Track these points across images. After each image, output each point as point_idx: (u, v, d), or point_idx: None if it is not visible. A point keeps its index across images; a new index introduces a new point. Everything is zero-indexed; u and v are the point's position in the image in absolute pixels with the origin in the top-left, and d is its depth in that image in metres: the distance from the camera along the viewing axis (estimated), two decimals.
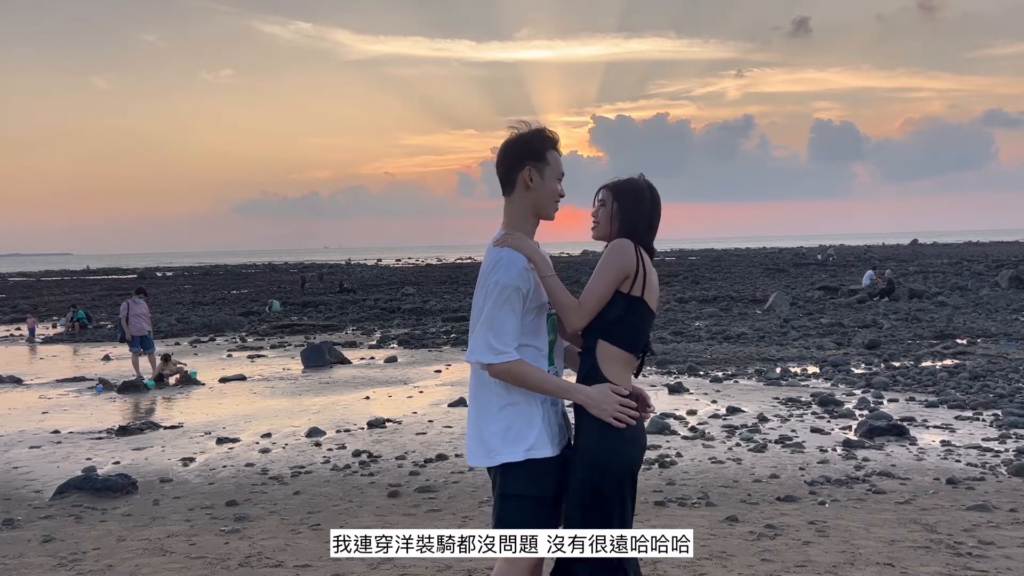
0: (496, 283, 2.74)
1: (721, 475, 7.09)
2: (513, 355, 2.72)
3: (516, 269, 2.75)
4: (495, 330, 2.72)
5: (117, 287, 49.64)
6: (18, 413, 11.66)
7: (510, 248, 2.79)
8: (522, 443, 2.76)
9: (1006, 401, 9.96)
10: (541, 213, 2.90)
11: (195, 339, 21.83)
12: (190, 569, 4.93)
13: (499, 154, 2.90)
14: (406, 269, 69.41)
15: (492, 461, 2.78)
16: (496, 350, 2.72)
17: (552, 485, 2.79)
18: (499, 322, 2.72)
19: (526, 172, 2.84)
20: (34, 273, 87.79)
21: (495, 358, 2.72)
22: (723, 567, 4.68)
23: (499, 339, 2.72)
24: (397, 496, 6.70)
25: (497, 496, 2.82)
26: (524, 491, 2.76)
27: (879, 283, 26.17)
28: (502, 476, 2.79)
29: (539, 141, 2.85)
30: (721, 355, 14.98)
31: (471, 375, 2.89)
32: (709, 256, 68.14)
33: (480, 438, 2.82)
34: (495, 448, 2.77)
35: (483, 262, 2.86)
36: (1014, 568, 4.57)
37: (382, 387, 13.00)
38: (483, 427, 2.81)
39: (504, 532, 2.78)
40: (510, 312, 2.73)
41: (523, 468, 2.75)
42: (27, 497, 7.12)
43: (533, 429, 2.78)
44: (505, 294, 2.73)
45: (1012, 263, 37.32)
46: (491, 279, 2.76)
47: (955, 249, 68.08)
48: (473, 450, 2.85)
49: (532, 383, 2.76)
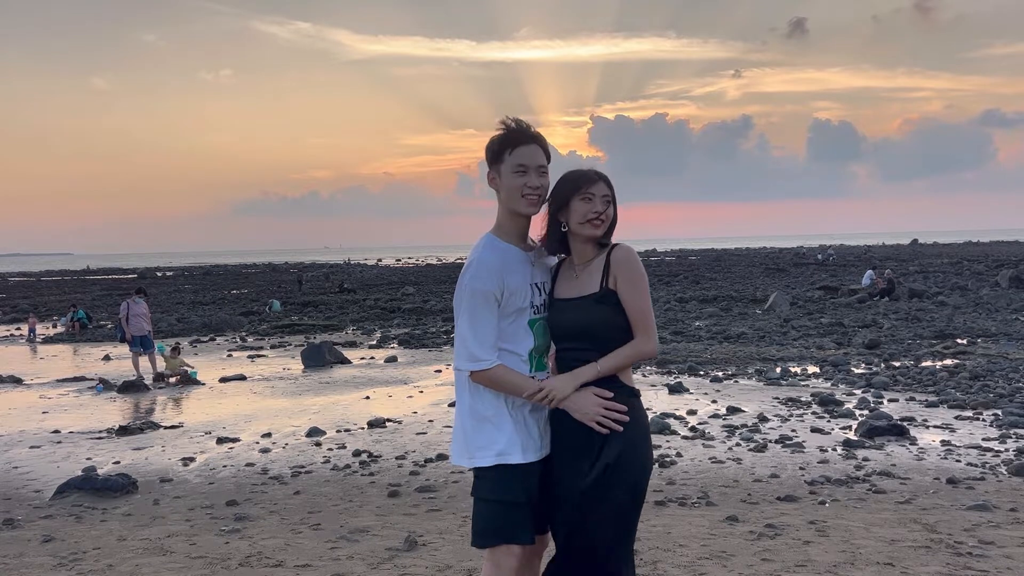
0: (467, 287, 2.75)
1: (721, 475, 7.09)
2: (492, 361, 2.72)
3: (487, 271, 2.74)
4: (474, 336, 2.73)
5: (117, 287, 49.63)
6: (18, 413, 11.66)
7: (486, 250, 2.80)
8: (492, 448, 2.77)
9: (1006, 401, 9.96)
10: (513, 209, 2.86)
11: (195, 339, 21.83)
12: (190, 569, 4.93)
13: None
14: (406, 269, 69.47)
15: (468, 463, 2.82)
16: (475, 357, 2.72)
17: (525, 491, 2.76)
18: (475, 328, 2.72)
19: (489, 176, 2.88)
20: (34, 273, 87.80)
21: (475, 365, 2.73)
22: (723, 567, 4.68)
23: (478, 346, 2.72)
24: (397, 496, 6.70)
25: (473, 497, 2.86)
26: (493, 496, 2.77)
27: (879, 283, 26.17)
28: (475, 479, 2.84)
29: (496, 144, 2.85)
30: (721, 355, 14.97)
31: (455, 377, 2.91)
32: (709, 256, 68.13)
33: (462, 438, 2.85)
34: (471, 451, 2.80)
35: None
36: (1014, 568, 4.56)
37: (382, 387, 13.00)
38: (465, 428, 2.84)
39: (480, 534, 2.80)
40: (486, 316, 2.73)
41: (493, 473, 2.76)
42: (27, 497, 7.12)
43: (503, 434, 2.77)
44: (476, 299, 2.73)
45: (1012, 263, 37.33)
46: (463, 282, 2.77)
47: (955, 249, 68.10)
48: (456, 449, 2.89)
49: (512, 388, 2.75)
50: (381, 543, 5.32)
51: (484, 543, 2.80)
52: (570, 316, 2.80)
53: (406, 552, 5.09)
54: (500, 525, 2.76)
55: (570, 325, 2.81)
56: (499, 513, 2.76)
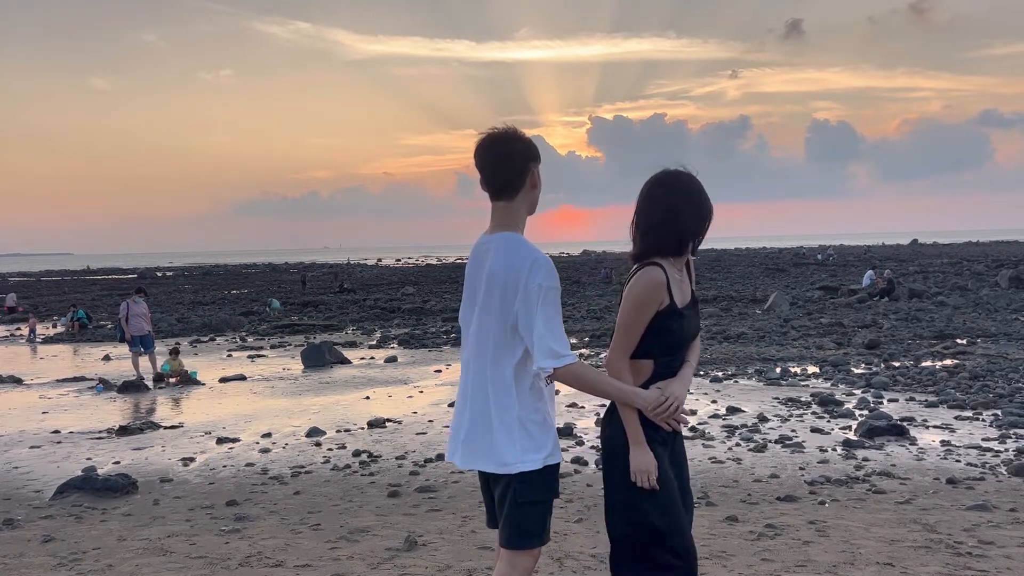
0: (542, 287, 2.71)
1: (721, 475, 7.10)
2: (573, 356, 2.73)
3: (553, 270, 2.76)
4: (554, 334, 2.70)
5: (117, 287, 49.64)
6: (18, 413, 11.66)
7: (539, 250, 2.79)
8: (542, 451, 2.78)
9: (1006, 401, 9.96)
10: (534, 210, 2.89)
11: (195, 339, 21.83)
12: (190, 569, 4.94)
13: (501, 159, 2.83)
14: (406, 269, 69.48)
15: (509, 469, 2.77)
16: (557, 354, 2.70)
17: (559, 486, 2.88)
18: (552, 326, 2.71)
19: (535, 173, 2.85)
20: (34, 273, 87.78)
21: (558, 361, 2.70)
22: (723, 567, 4.68)
23: (559, 342, 2.70)
24: (397, 496, 6.70)
25: (514, 503, 2.79)
26: (541, 497, 2.79)
27: (879, 283, 26.17)
28: (520, 484, 2.77)
29: (533, 141, 2.86)
30: (721, 355, 14.97)
31: (489, 379, 2.82)
32: (709, 256, 68.12)
33: (493, 444, 2.79)
34: (512, 456, 2.76)
35: (498, 260, 2.79)
36: (1014, 568, 4.57)
37: (382, 387, 13.01)
38: (500, 434, 2.78)
39: (528, 535, 2.80)
40: (558, 313, 2.74)
41: (540, 475, 2.77)
42: (27, 497, 7.12)
43: (550, 437, 2.81)
44: (551, 296, 2.72)
45: (1012, 263, 37.33)
46: (533, 282, 2.71)
47: (955, 249, 68.10)
48: (482, 455, 2.82)
49: (591, 384, 2.79)
50: (381, 543, 5.33)
51: (531, 543, 2.80)
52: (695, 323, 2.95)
53: (406, 552, 5.09)
54: (545, 525, 2.82)
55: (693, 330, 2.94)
56: (544, 514, 2.81)
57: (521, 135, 2.86)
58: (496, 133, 2.85)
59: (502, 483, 2.81)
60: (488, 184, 2.86)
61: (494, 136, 2.85)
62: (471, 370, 2.88)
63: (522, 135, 2.86)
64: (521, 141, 2.84)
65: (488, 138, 2.85)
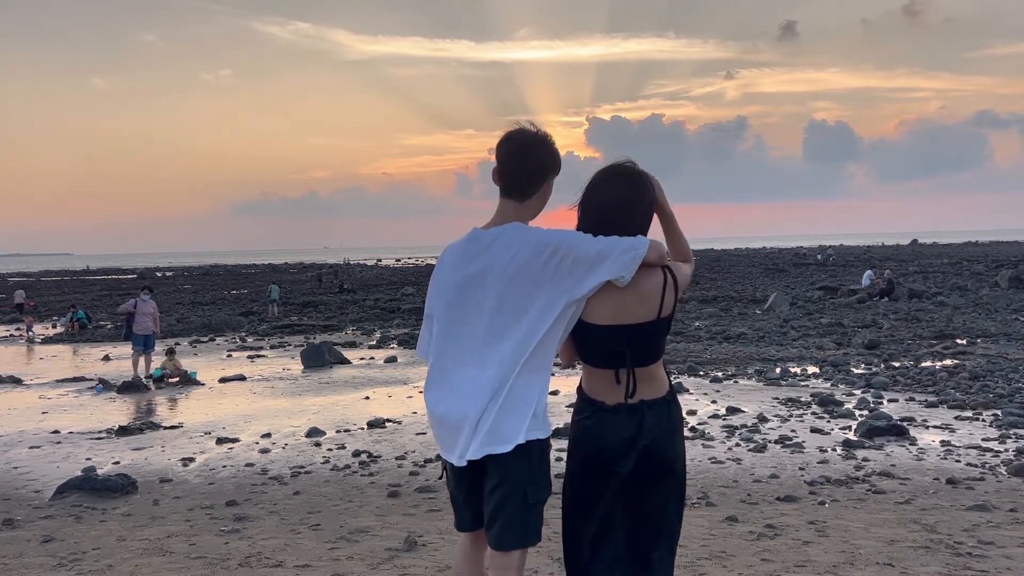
0: (564, 232, 2.71)
1: (721, 475, 7.09)
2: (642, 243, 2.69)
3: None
4: (611, 242, 2.66)
5: (117, 287, 49.66)
6: (18, 413, 11.66)
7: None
8: (548, 430, 2.75)
9: (1006, 401, 9.97)
10: (535, 218, 2.86)
11: (195, 339, 21.84)
12: (190, 569, 4.93)
13: (526, 158, 2.78)
14: (406, 269, 69.49)
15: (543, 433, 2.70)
16: (633, 248, 2.66)
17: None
18: (603, 240, 2.68)
19: (551, 183, 2.82)
20: (34, 273, 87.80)
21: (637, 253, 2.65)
22: (723, 567, 4.68)
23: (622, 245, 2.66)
24: (397, 496, 6.70)
25: (524, 504, 2.71)
26: (547, 495, 2.76)
27: (879, 283, 26.18)
28: (531, 485, 2.70)
29: (559, 152, 2.83)
30: (721, 355, 14.98)
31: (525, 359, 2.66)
32: (709, 256, 68.11)
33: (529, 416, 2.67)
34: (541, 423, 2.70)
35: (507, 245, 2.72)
36: (1014, 568, 4.56)
37: (382, 387, 13.01)
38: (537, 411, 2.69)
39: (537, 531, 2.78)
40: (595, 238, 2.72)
41: (546, 473, 2.75)
42: (27, 497, 7.11)
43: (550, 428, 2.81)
44: (579, 236, 2.70)
45: (1012, 263, 37.34)
46: (557, 236, 2.68)
47: (955, 249, 68.13)
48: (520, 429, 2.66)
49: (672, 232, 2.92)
50: (381, 543, 5.32)
51: (534, 541, 2.78)
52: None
53: (406, 552, 5.09)
54: (542, 522, 2.80)
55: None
56: (542, 512, 2.79)
57: (549, 143, 2.81)
58: (531, 133, 2.78)
59: (504, 483, 2.72)
60: (506, 178, 2.79)
61: (527, 136, 2.78)
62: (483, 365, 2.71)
63: (551, 144, 2.81)
64: (551, 150, 2.80)
65: (522, 134, 2.78)
